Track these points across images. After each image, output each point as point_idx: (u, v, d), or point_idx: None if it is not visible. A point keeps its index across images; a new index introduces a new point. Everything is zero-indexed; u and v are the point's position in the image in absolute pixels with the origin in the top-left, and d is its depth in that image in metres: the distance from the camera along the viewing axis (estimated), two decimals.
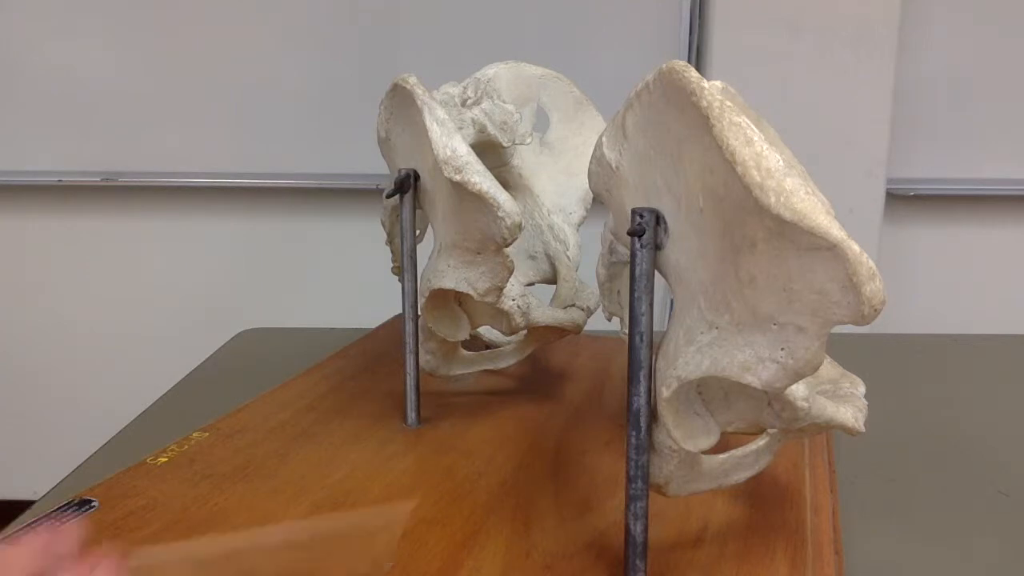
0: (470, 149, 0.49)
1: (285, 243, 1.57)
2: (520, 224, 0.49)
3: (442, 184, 0.51)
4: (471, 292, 0.53)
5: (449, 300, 0.57)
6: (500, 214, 0.48)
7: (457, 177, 0.48)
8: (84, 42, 1.46)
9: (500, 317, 0.57)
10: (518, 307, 0.57)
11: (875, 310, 0.31)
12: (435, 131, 0.50)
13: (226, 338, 0.88)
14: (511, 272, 0.52)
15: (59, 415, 1.61)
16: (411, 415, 0.59)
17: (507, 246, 0.50)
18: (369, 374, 0.69)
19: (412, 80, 0.53)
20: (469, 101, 0.60)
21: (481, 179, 0.48)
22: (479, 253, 0.52)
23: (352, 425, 0.59)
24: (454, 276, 0.53)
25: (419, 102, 0.51)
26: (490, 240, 0.50)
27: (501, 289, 0.53)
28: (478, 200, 0.48)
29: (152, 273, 1.59)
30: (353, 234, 1.49)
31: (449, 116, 0.52)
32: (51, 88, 1.46)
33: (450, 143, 0.49)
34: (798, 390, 0.38)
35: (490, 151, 0.61)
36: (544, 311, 0.59)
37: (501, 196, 0.48)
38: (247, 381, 0.69)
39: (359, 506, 0.47)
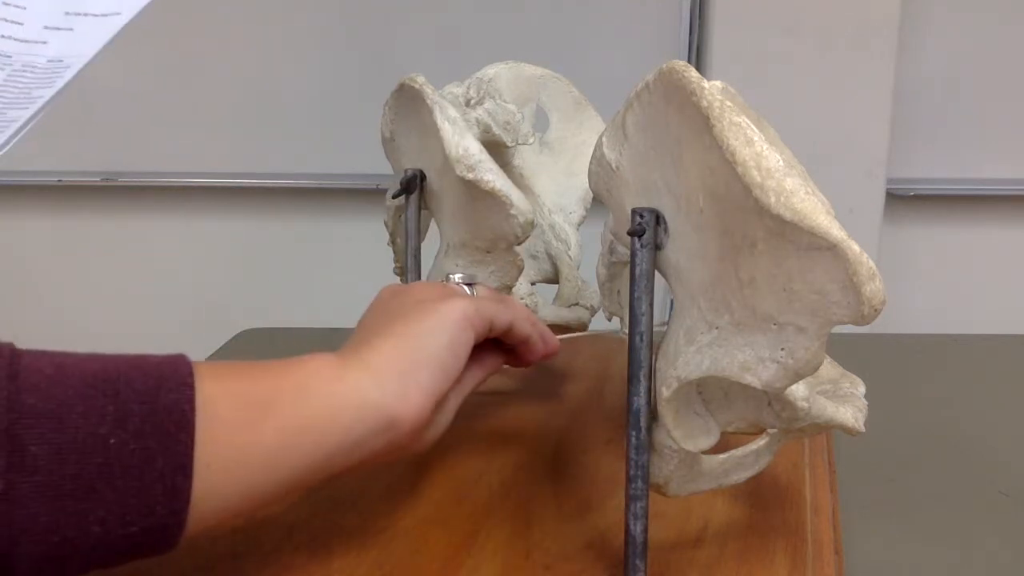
0: (482, 147, 0.49)
1: (285, 243, 1.57)
2: (532, 222, 0.49)
3: (451, 183, 0.51)
4: None
5: None
6: (513, 212, 0.49)
7: (470, 175, 0.48)
8: None
9: None
10: (527, 306, 0.57)
11: (875, 310, 0.31)
12: (447, 130, 0.50)
13: (226, 338, 0.87)
14: (521, 271, 0.53)
15: None
16: None
17: (519, 244, 0.51)
18: None
19: (421, 80, 0.53)
20: (472, 101, 0.60)
21: (494, 177, 0.48)
22: (489, 252, 0.52)
23: None
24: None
25: (429, 101, 0.51)
26: (501, 239, 0.50)
27: (511, 288, 0.54)
28: (490, 198, 0.48)
29: (152, 273, 1.59)
30: (354, 234, 1.50)
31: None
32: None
33: (462, 142, 0.49)
34: (798, 390, 0.38)
35: (492, 151, 0.61)
36: (551, 310, 0.59)
37: (514, 194, 0.48)
38: None
39: (359, 506, 0.47)
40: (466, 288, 0.47)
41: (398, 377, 0.38)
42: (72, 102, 1.56)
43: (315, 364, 0.38)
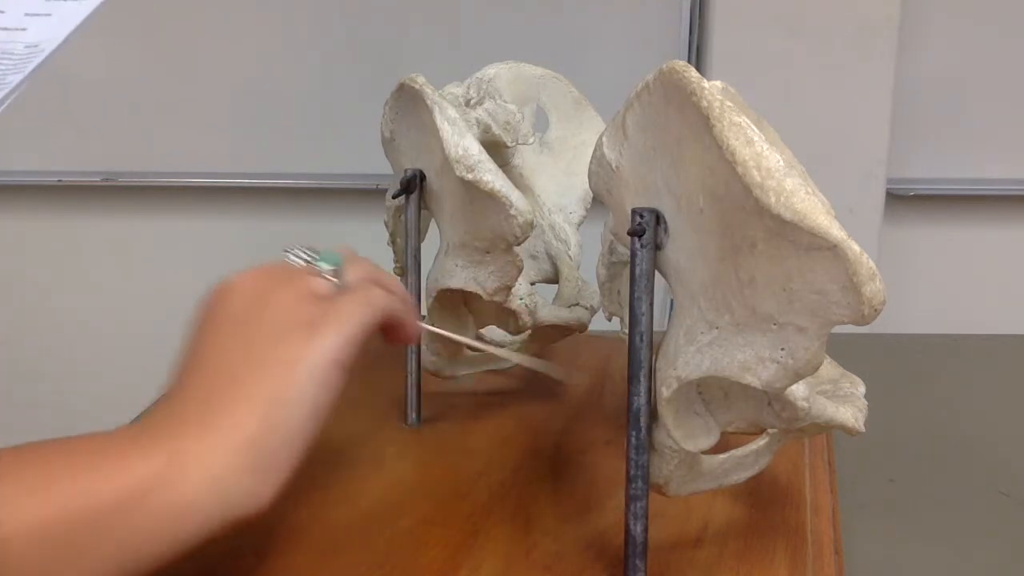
0: (481, 148, 0.49)
1: (285, 243, 1.57)
2: (532, 222, 0.49)
3: (450, 183, 0.51)
4: (480, 291, 0.53)
5: (456, 301, 0.57)
6: (512, 212, 0.49)
7: (469, 176, 0.48)
8: (83, 42, 1.45)
9: (507, 317, 0.57)
10: (526, 306, 0.57)
11: (875, 310, 0.31)
12: (446, 130, 0.50)
13: None
14: (520, 271, 0.53)
15: (59, 415, 1.61)
16: (411, 415, 0.59)
17: (518, 244, 0.51)
18: (369, 374, 0.69)
19: (421, 80, 0.53)
20: (472, 101, 0.60)
21: (493, 177, 0.48)
22: (488, 252, 0.52)
23: (352, 425, 0.59)
24: (463, 276, 0.53)
25: (429, 102, 0.51)
26: (501, 239, 0.50)
27: (510, 288, 0.54)
28: (489, 199, 0.48)
29: (152, 273, 1.59)
30: (354, 234, 1.49)
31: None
32: (51, 88, 1.46)
33: (462, 142, 0.49)
34: (798, 390, 0.38)
35: (492, 151, 0.61)
36: (550, 310, 0.59)
37: (513, 195, 0.49)
38: None
39: (359, 506, 0.47)
40: (332, 280, 0.39)
41: (251, 470, 0.33)
42: (72, 102, 1.56)
43: (143, 468, 0.32)
